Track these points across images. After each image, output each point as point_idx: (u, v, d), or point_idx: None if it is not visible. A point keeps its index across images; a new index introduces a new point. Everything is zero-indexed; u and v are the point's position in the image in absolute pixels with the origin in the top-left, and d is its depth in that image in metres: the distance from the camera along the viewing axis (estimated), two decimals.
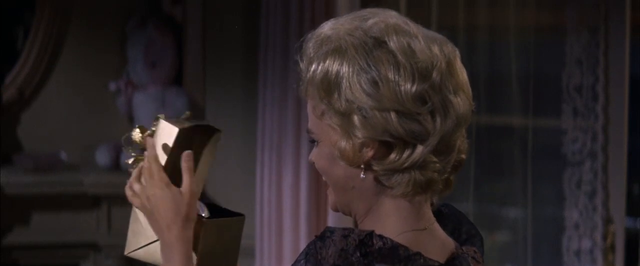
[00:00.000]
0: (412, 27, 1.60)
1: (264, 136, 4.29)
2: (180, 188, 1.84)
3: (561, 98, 4.43)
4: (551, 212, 4.49)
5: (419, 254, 1.56)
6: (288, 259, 4.18)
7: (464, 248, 1.66)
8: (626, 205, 4.40)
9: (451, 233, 1.69)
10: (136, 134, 1.89)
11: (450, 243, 1.64)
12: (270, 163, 4.26)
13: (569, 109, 4.42)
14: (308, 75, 1.60)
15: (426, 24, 1.66)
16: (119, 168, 4.62)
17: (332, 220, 4.00)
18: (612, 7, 4.31)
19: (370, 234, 1.55)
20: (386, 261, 1.53)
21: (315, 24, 1.67)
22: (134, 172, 1.86)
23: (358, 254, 1.52)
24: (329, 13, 4.06)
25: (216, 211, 1.92)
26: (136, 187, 1.85)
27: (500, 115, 4.52)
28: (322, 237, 1.55)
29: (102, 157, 4.69)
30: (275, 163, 4.25)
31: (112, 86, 4.80)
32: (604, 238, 4.38)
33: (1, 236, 4.64)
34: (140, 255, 1.88)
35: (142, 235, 1.88)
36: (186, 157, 1.87)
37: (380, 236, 1.55)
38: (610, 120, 4.36)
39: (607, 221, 4.38)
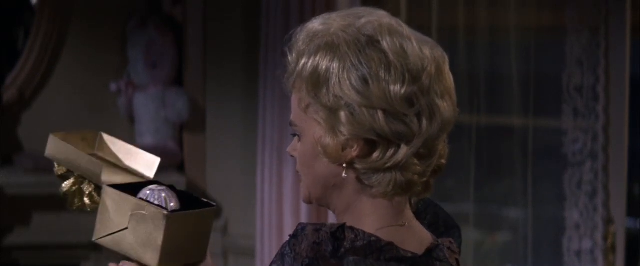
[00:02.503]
0: (405, 29, 1.60)
1: (265, 136, 4.29)
2: None
3: (562, 99, 4.42)
4: (552, 213, 4.48)
5: (391, 244, 1.57)
6: None
7: (440, 240, 1.67)
8: (627, 205, 4.40)
9: (429, 225, 1.70)
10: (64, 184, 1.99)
11: (428, 238, 1.65)
12: (271, 163, 4.26)
13: (570, 109, 4.42)
14: (297, 68, 1.60)
15: (426, 24, 1.67)
16: None
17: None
18: (612, 7, 4.31)
19: (342, 227, 1.56)
20: (358, 253, 1.54)
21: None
22: None
23: (330, 247, 1.53)
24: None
25: (189, 200, 1.91)
26: None
27: (500, 116, 4.52)
28: (294, 235, 1.57)
29: None
30: (276, 163, 4.25)
31: (113, 86, 4.80)
32: (605, 238, 4.38)
33: (1, 237, 4.64)
34: (107, 241, 1.90)
35: (109, 225, 1.90)
36: None
37: (352, 229, 1.56)
38: (611, 120, 4.36)
39: (608, 221, 4.38)
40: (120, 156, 2.05)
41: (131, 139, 4.84)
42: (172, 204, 1.87)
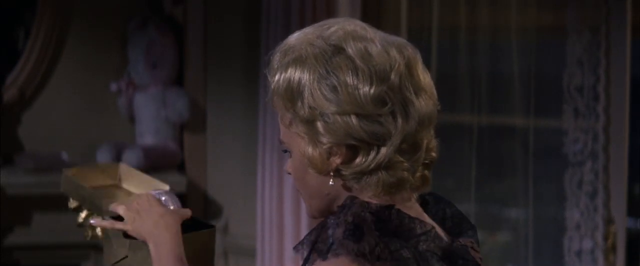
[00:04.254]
0: (370, 32, 1.64)
1: (265, 136, 4.29)
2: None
3: (562, 99, 4.42)
4: (552, 212, 4.48)
5: (433, 230, 1.61)
6: (289, 259, 4.18)
7: (461, 240, 1.69)
8: (627, 205, 4.39)
9: (439, 220, 1.71)
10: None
11: (441, 231, 1.68)
12: (271, 163, 4.26)
13: (570, 109, 4.42)
14: (273, 86, 1.67)
15: (427, 24, 1.68)
16: None
17: None
18: (613, 7, 4.31)
19: (390, 206, 1.60)
20: (400, 236, 1.57)
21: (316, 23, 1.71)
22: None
23: (374, 220, 1.56)
24: (330, 12, 4.05)
25: (188, 223, 1.98)
26: (120, 209, 1.96)
27: (501, 116, 4.52)
28: (342, 205, 1.61)
29: (103, 157, 4.69)
30: (276, 163, 4.25)
31: (113, 86, 4.80)
32: (605, 238, 4.38)
33: (2, 237, 4.64)
34: None
35: (113, 254, 1.99)
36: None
37: (399, 212, 1.60)
38: (611, 120, 4.36)
39: (608, 221, 4.38)
40: (136, 186, 2.12)
41: (131, 139, 4.84)
42: (171, 207, 1.91)
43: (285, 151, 1.69)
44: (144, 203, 1.93)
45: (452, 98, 4.38)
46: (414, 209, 1.65)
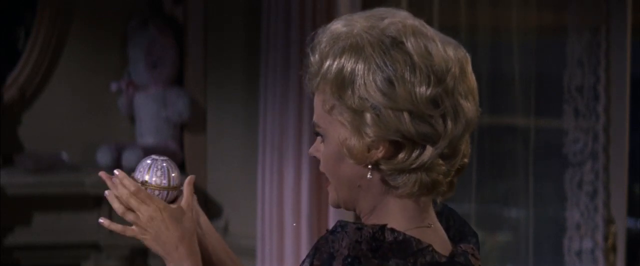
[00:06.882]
0: (429, 30, 1.61)
1: (266, 136, 4.28)
2: (180, 204, 1.87)
3: (562, 99, 4.43)
4: (552, 212, 4.49)
5: (430, 247, 1.56)
6: (289, 259, 4.18)
7: (462, 245, 1.66)
8: (627, 205, 4.40)
9: (444, 230, 1.69)
10: None
11: (448, 240, 1.65)
12: (272, 163, 4.26)
13: (571, 109, 4.42)
14: (321, 70, 1.59)
15: (427, 24, 1.66)
16: (120, 169, 4.60)
17: (333, 219, 3.99)
18: (613, 7, 4.31)
19: (383, 228, 1.55)
20: (397, 256, 1.53)
21: (316, 24, 1.69)
22: (119, 208, 1.88)
23: (370, 247, 1.53)
24: (330, 13, 4.05)
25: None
26: (131, 216, 1.86)
27: (502, 116, 4.52)
28: (333, 231, 1.55)
29: (103, 157, 4.69)
30: (277, 163, 4.24)
31: (114, 86, 4.80)
32: (605, 238, 4.38)
33: (2, 237, 4.64)
34: None
35: None
36: (190, 179, 1.90)
37: (392, 230, 1.55)
38: (612, 120, 4.36)
39: (608, 221, 4.38)
40: None
41: (131, 139, 4.84)
42: (173, 175, 1.89)
43: (318, 134, 1.63)
44: (158, 223, 1.82)
45: None
46: (430, 216, 1.62)
